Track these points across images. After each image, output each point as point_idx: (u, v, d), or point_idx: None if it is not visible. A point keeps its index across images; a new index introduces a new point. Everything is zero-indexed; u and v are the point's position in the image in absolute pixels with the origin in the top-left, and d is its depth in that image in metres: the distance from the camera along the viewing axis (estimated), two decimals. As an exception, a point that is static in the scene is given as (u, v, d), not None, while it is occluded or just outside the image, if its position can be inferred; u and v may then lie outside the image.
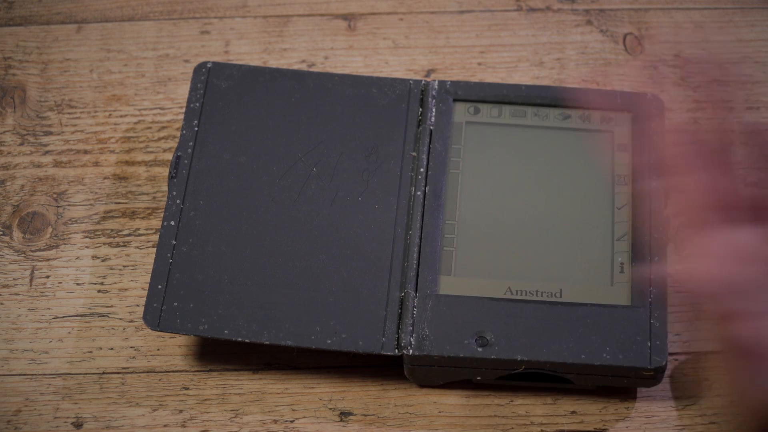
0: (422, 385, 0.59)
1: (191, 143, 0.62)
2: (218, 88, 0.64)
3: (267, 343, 0.57)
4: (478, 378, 0.58)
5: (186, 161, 0.61)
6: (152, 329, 0.57)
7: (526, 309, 0.57)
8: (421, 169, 0.61)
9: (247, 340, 0.57)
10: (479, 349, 0.56)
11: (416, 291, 0.58)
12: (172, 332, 0.57)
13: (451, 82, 0.64)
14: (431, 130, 0.63)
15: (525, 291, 0.58)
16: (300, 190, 0.61)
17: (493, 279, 0.59)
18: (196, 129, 0.62)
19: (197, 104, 0.63)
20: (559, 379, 0.57)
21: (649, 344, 0.56)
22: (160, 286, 0.58)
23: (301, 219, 0.60)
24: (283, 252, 0.59)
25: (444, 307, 0.58)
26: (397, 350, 0.57)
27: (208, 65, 0.64)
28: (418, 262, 0.59)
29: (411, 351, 0.57)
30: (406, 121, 0.63)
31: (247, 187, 0.61)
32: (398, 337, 0.57)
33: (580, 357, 0.56)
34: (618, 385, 0.58)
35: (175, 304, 0.58)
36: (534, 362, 0.56)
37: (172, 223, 0.60)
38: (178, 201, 0.60)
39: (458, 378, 0.58)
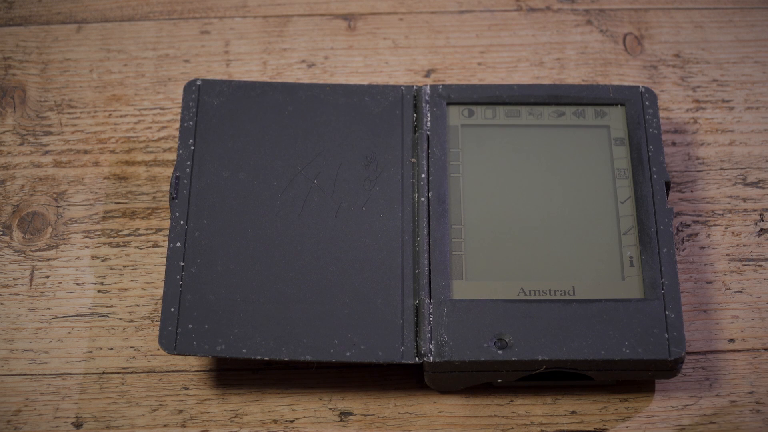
0: (443, 392, 0.59)
1: (189, 163, 0.62)
2: (210, 106, 0.64)
3: (287, 359, 0.57)
4: (499, 381, 0.58)
5: (186, 181, 0.61)
6: (170, 353, 0.57)
7: (542, 309, 0.57)
8: (422, 175, 0.61)
9: (266, 358, 0.57)
10: (499, 352, 0.57)
11: (430, 297, 0.58)
12: (189, 355, 0.57)
13: (443, 85, 0.64)
14: (428, 135, 0.63)
15: (538, 291, 0.58)
16: (303, 204, 0.61)
17: (505, 281, 0.59)
18: (193, 148, 0.62)
19: (191, 123, 0.63)
20: (579, 376, 0.57)
21: (666, 336, 0.57)
22: (172, 309, 0.58)
23: (307, 232, 0.60)
24: (292, 267, 0.59)
25: (460, 312, 0.58)
26: (417, 358, 0.57)
27: (198, 83, 0.64)
28: (429, 268, 0.59)
29: (431, 358, 0.57)
30: (401, 127, 0.63)
31: (250, 203, 0.61)
32: (417, 345, 0.57)
33: (599, 353, 0.56)
34: (638, 378, 0.58)
35: (190, 326, 0.57)
36: (555, 361, 0.56)
37: (178, 244, 0.60)
38: (182, 222, 0.60)
39: (479, 382, 0.58)
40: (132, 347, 0.61)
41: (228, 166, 0.62)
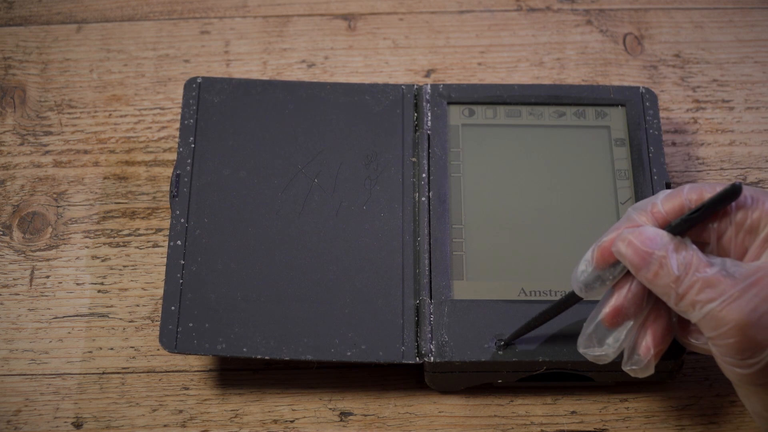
0: (444, 392, 0.59)
1: (189, 161, 0.62)
2: (211, 103, 0.64)
3: (287, 359, 0.57)
4: (500, 381, 0.58)
5: (186, 179, 0.61)
6: (170, 352, 0.57)
7: (542, 309, 0.57)
8: (423, 175, 0.61)
9: (267, 357, 0.57)
10: (500, 353, 0.57)
11: (431, 297, 0.58)
12: (190, 353, 0.57)
13: (444, 85, 0.64)
14: (429, 135, 0.63)
15: (538, 291, 0.58)
16: (304, 202, 0.61)
17: (505, 281, 0.59)
18: (193, 146, 0.62)
19: (191, 121, 0.63)
20: (579, 377, 0.57)
21: None
22: (173, 308, 0.58)
23: (308, 231, 0.60)
24: (293, 266, 0.59)
25: (460, 312, 0.58)
26: (417, 358, 0.57)
27: (198, 80, 0.64)
28: (430, 268, 0.59)
29: (432, 358, 0.57)
30: (402, 126, 0.63)
31: (251, 201, 0.61)
32: (418, 345, 0.57)
33: None
34: (637, 380, 0.58)
35: (190, 324, 0.57)
36: (555, 362, 0.56)
37: (179, 242, 0.59)
38: (182, 220, 0.60)
39: (479, 382, 0.58)
40: (132, 347, 0.61)
41: (228, 164, 0.62)
